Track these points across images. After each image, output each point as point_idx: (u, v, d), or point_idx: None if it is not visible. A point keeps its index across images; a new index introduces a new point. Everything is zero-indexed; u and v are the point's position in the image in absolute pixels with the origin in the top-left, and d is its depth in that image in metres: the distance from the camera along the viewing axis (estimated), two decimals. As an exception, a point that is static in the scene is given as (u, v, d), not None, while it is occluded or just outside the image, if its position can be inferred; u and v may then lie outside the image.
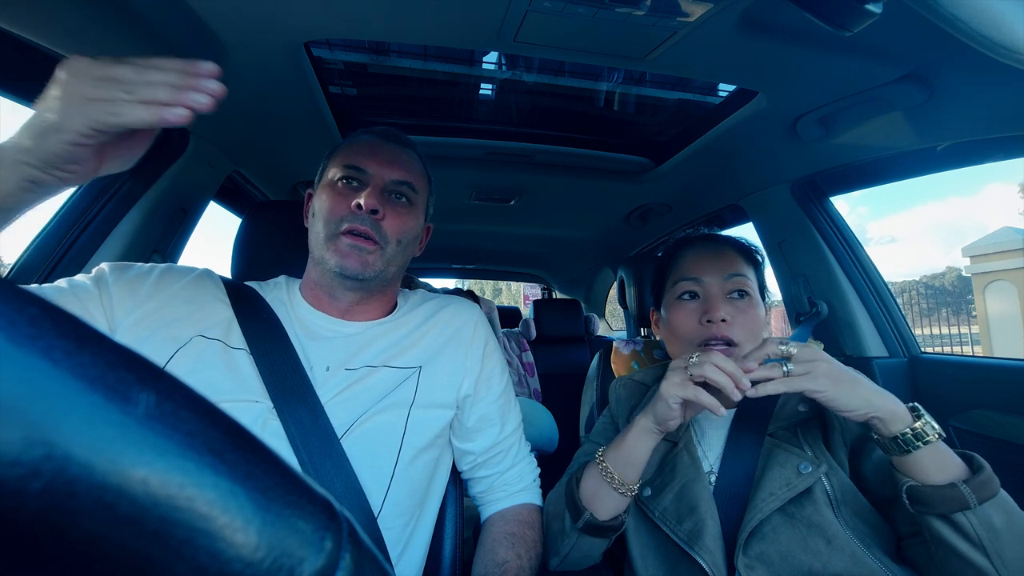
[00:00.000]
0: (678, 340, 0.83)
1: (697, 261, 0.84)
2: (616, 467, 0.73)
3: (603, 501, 0.73)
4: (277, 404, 0.64)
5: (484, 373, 0.80)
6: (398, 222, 0.75)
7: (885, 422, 0.61)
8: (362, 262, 0.72)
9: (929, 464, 0.59)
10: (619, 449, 0.74)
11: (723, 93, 1.15)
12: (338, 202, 0.73)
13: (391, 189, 0.76)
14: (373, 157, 0.76)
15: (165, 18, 0.78)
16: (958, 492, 0.56)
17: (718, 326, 0.77)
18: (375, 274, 0.74)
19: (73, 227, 1.03)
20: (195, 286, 0.72)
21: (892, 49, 0.82)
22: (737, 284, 0.80)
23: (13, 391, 0.14)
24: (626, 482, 0.72)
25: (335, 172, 0.76)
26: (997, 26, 0.44)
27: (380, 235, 0.73)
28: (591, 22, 0.79)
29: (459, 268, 3.64)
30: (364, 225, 0.72)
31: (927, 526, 0.59)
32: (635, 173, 1.54)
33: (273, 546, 0.16)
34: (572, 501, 0.75)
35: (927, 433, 0.59)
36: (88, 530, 0.14)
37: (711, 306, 0.78)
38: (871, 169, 1.26)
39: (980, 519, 0.56)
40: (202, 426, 0.17)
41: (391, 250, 0.75)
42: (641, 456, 0.72)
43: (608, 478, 0.73)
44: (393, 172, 0.76)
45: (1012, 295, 8.60)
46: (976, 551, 0.56)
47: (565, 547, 0.76)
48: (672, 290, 0.85)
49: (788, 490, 0.69)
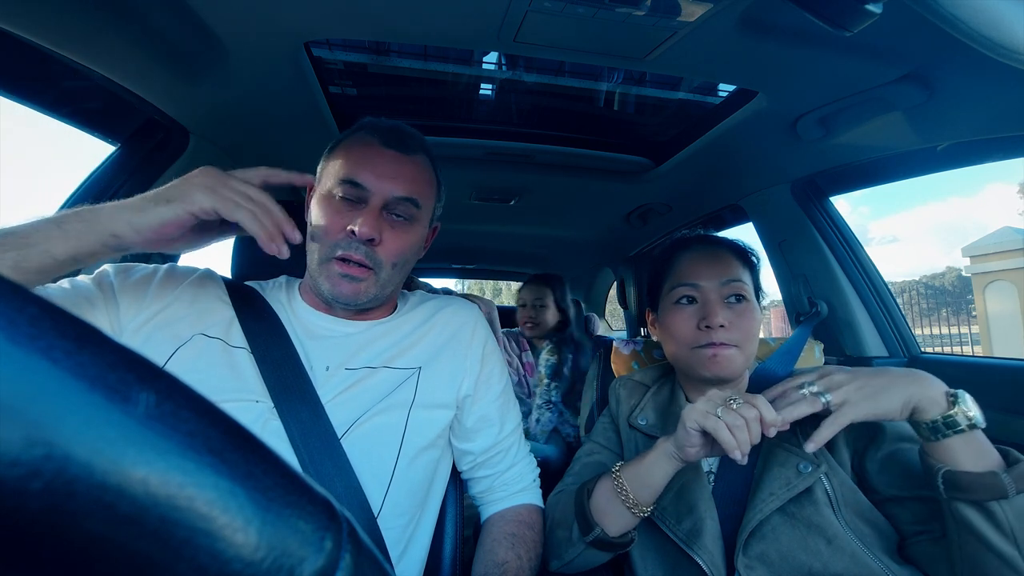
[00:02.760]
0: (675, 343, 0.83)
1: (694, 265, 0.83)
2: (632, 485, 0.71)
3: (614, 517, 0.72)
4: (278, 403, 0.64)
5: (484, 373, 0.80)
6: (395, 245, 0.71)
7: (922, 410, 0.60)
8: (354, 291, 0.70)
9: (961, 451, 0.58)
10: (637, 468, 0.72)
11: (723, 93, 1.15)
12: (333, 221, 0.69)
13: (391, 206, 0.71)
14: (374, 169, 0.70)
15: (165, 18, 0.78)
16: (998, 480, 0.55)
17: (716, 332, 0.77)
18: (369, 299, 0.72)
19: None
20: (197, 286, 0.72)
21: (892, 49, 0.82)
22: (734, 289, 0.80)
23: (13, 391, 0.14)
24: (640, 502, 0.70)
25: (331, 182, 0.71)
26: (997, 26, 0.44)
27: (374, 261, 0.70)
28: (591, 22, 0.79)
29: (459, 268, 3.64)
30: (358, 253, 0.69)
31: (957, 515, 0.58)
32: (635, 173, 1.54)
33: (273, 546, 0.16)
34: (582, 514, 0.74)
35: (959, 422, 0.58)
36: (88, 530, 0.14)
37: (709, 312, 0.78)
38: (871, 169, 1.26)
39: (1015, 510, 0.55)
40: (202, 426, 0.17)
41: (385, 275, 0.72)
42: (658, 480, 0.69)
43: (622, 495, 0.71)
44: (396, 187, 0.70)
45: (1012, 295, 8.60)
46: (1006, 541, 0.55)
47: (569, 555, 0.75)
48: (669, 295, 0.85)
49: (788, 490, 0.69)
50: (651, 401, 0.90)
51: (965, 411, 0.59)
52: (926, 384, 0.61)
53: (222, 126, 1.16)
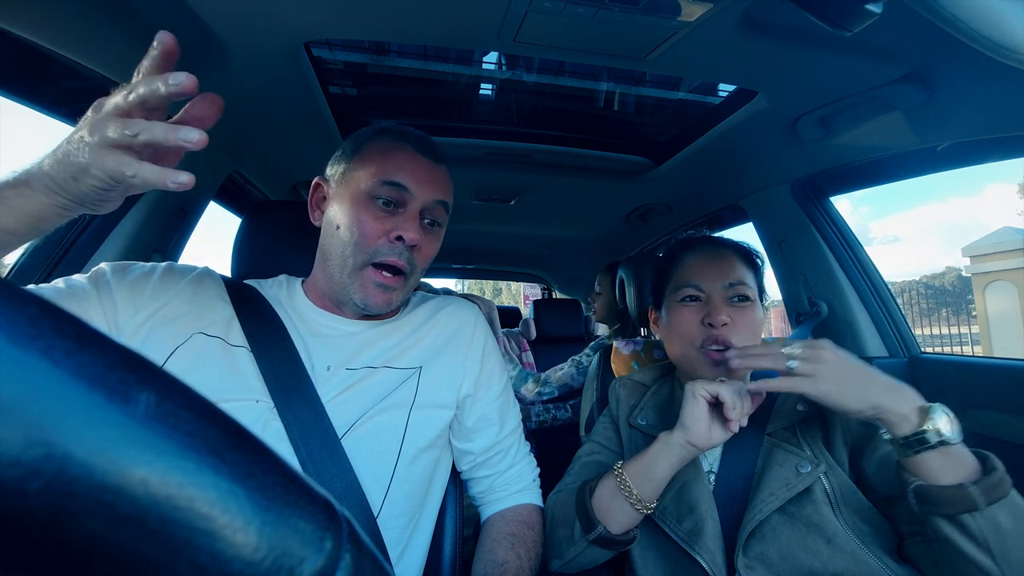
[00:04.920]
0: (679, 340, 0.84)
1: (700, 267, 0.85)
2: (634, 481, 0.71)
3: (617, 515, 0.72)
4: (278, 403, 0.64)
5: (484, 373, 0.80)
6: (429, 250, 0.74)
7: (892, 424, 0.60)
8: (387, 300, 0.71)
9: (935, 465, 0.58)
10: (639, 462, 0.72)
11: (723, 93, 1.15)
12: (372, 226, 0.68)
13: (428, 210, 0.72)
14: (414, 174, 0.70)
15: (165, 18, 0.78)
16: (966, 493, 0.55)
17: (719, 329, 0.79)
18: (395, 306, 0.74)
19: (73, 227, 1.03)
20: (196, 284, 0.72)
21: (892, 49, 0.82)
22: (738, 291, 0.82)
23: (13, 391, 0.14)
24: (643, 498, 0.71)
25: (368, 184, 0.69)
26: (997, 26, 0.44)
27: (411, 266, 0.71)
28: (591, 22, 0.79)
29: (459, 268, 3.64)
30: (401, 259, 0.69)
31: (932, 526, 0.59)
32: (635, 173, 1.54)
33: (273, 546, 0.16)
34: (584, 512, 0.74)
35: (929, 439, 0.58)
36: (88, 530, 0.14)
37: (713, 310, 0.80)
38: (871, 169, 1.26)
39: (987, 520, 0.54)
40: (202, 426, 0.17)
41: (414, 279, 0.74)
42: (663, 472, 0.70)
43: (625, 491, 0.71)
44: (435, 192, 0.72)
45: (1012, 295, 8.60)
46: (981, 552, 0.55)
47: (570, 553, 0.75)
48: (675, 294, 0.86)
49: (787, 490, 0.69)
50: (651, 401, 0.91)
51: (937, 428, 0.58)
52: (900, 400, 0.61)
53: (222, 126, 1.15)
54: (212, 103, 0.50)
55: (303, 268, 0.81)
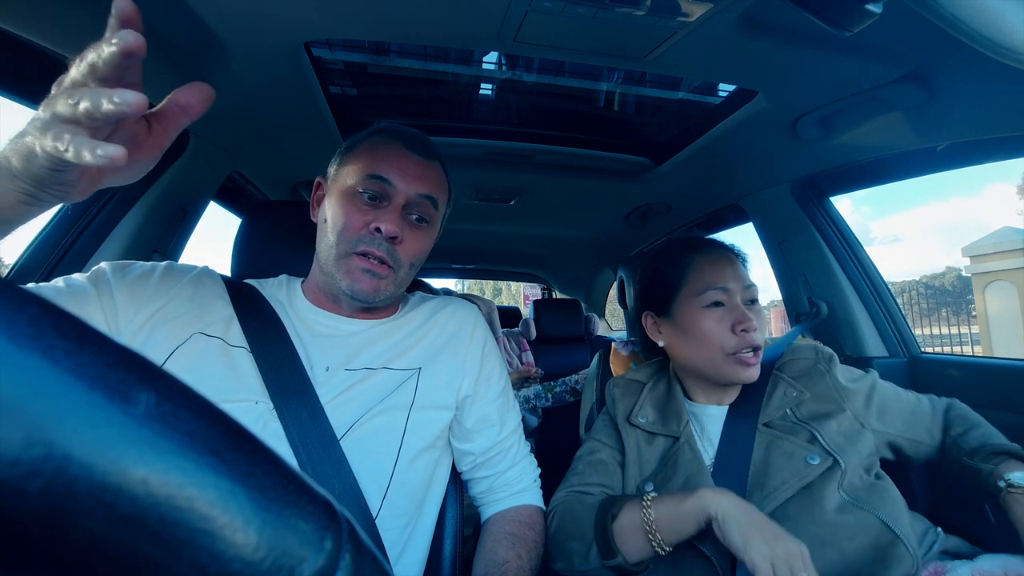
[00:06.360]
0: (705, 347, 0.83)
1: (720, 270, 0.85)
2: (661, 524, 0.69)
3: (636, 548, 0.71)
4: (277, 404, 0.64)
5: (483, 373, 0.80)
6: (415, 246, 0.74)
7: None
8: (374, 287, 0.71)
9: None
10: (671, 510, 0.69)
11: (723, 93, 1.15)
12: (355, 218, 0.70)
13: (414, 204, 0.73)
14: (399, 168, 0.72)
15: (165, 18, 0.78)
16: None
17: (751, 335, 0.80)
18: (386, 297, 0.73)
19: (73, 227, 1.03)
20: (196, 283, 0.72)
21: (892, 49, 0.82)
22: (752, 294, 0.84)
23: (13, 391, 0.14)
24: (664, 541, 0.69)
25: (355, 179, 0.71)
26: (997, 26, 0.44)
27: (395, 260, 0.71)
28: (591, 22, 0.79)
29: (459, 268, 3.64)
30: (380, 250, 0.69)
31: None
32: (635, 173, 1.54)
33: (273, 546, 0.16)
34: (605, 538, 0.72)
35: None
36: (88, 530, 0.14)
37: (743, 316, 0.81)
38: (871, 169, 1.26)
39: None
40: (202, 426, 0.17)
41: (403, 273, 0.74)
42: (690, 531, 0.68)
43: (649, 531, 0.69)
44: (419, 186, 0.73)
45: (1012, 295, 8.59)
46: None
47: (580, 568, 0.75)
48: (698, 298, 0.84)
49: (799, 480, 0.72)
50: (648, 398, 0.91)
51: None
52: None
53: (222, 126, 1.16)
54: (199, 92, 0.46)
55: (303, 268, 0.81)
